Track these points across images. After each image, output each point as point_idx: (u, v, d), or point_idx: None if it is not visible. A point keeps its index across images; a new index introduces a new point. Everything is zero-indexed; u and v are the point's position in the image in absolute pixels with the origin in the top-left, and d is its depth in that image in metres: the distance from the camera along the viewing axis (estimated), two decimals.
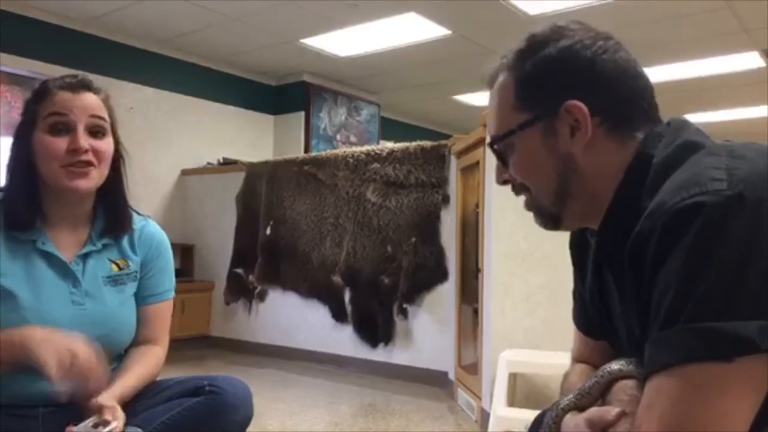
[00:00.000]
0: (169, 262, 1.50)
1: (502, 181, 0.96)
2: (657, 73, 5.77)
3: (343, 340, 4.32)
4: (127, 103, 4.93)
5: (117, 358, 1.41)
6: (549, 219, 0.93)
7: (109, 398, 1.21)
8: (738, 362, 0.64)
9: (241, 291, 4.90)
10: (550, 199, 0.90)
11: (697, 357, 0.66)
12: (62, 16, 4.80)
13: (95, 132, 1.30)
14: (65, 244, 1.33)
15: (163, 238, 1.49)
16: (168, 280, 1.49)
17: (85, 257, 1.34)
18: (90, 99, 1.31)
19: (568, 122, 0.85)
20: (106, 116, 1.33)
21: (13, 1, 4.51)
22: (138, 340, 1.42)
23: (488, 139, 0.96)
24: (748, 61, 5.69)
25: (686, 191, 0.70)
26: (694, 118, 0.88)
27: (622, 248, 0.79)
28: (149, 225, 1.48)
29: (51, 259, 1.30)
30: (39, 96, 1.29)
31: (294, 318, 4.61)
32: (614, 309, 0.92)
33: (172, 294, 1.50)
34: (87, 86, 1.32)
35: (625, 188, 0.84)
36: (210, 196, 5.27)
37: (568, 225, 0.95)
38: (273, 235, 4.69)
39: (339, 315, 4.35)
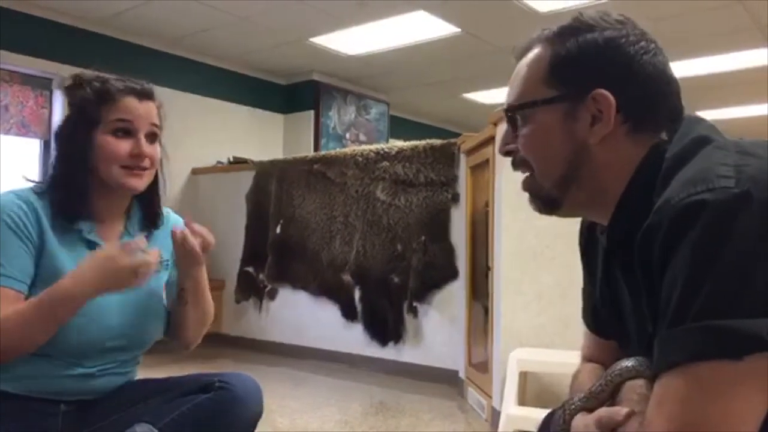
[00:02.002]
0: None
1: (506, 151, 0.93)
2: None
3: (353, 339, 4.33)
4: None
5: (136, 358, 1.44)
6: (546, 202, 0.91)
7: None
8: (747, 360, 0.64)
9: (251, 289, 4.92)
10: (552, 182, 0.88)
11: (706, 355, 0.66)
12: (74, 17, 4.83)
13: (151, 138, 1.38)
14: (106, 234, 1.39)
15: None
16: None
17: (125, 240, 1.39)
18: (151, 108, 1.39)
19: (592, 111, 0.84)
20: (160, 124, 1.41)
21: (24, 1, 4.54)
22: None
23: (504, 105, 0.93)
24: (760, 57, 5.64)
25: (693, 187, 0.70)
26: (706, 115, 0.88)
27: (632, 244, 0.79)
28: (171, 214, 1.56)
29: (95, 248, 1.34)
30: (102, 99, 1.33)
31: (304, 316, 4.62)
32: (624, 307, 0.91)
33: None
34: (150, 96, 1.39)
35: (637, 183, 0.83)
36: (220, 195, 5.29)
37: (567, 212, 0.92)
38: (283, 234, 4.70)
39: (349, 313, 4.35)
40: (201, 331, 1.51)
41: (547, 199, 0.91)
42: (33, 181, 1.39)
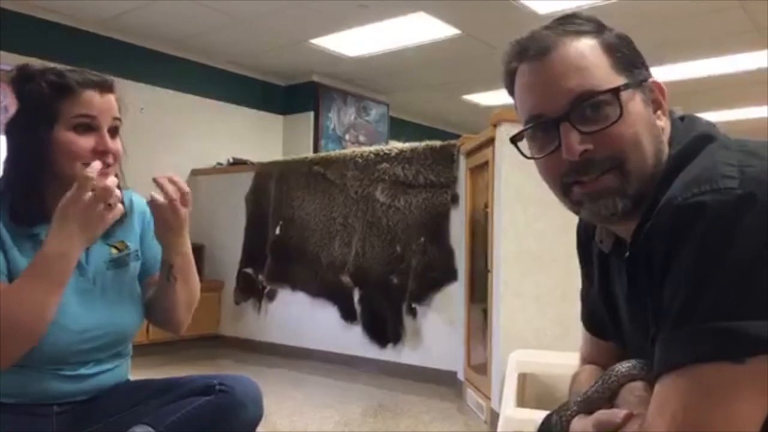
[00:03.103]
0: None
1: (582, 151, 0.80)
2: (668, 72, 5.74)
3: (353, 340, 4.32)
4: (138, 103, 4.95)
5: (121, 353, 1.42)
6: (636, 201, 0.80)
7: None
8: (749, 363, 0.64)
9: (250, 291, 4.92)
10: (644, 176, 0.80)
11: (708, 357, 0.66)
12: (75, 18, 4.83)
13: (113, 132, 1.31)
14: None
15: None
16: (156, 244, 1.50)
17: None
18: (112, 101, 1.31)
19: (652, 99, 0.83)
20: (120, 117, 1.34)
21: (24, 2, 4.54)
22: None
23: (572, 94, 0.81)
24: (759, 60, 5.64)
25: (697, 187, 0.70)
26: (706, 116, 0.87)
27: (636, 243, 0.78)
28: (135, 197, 1.48)
29: None
30: (61, 92, 1.26)
31: (303, 318, 4.61)
32: (622, 310, 0.91)
33: None
34: (111, 88, 1.32)
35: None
36: (220, 196, 5.29)
37: (634, 216, 0.82)
38: (282, 235, 4.69)
39: (348, 315, 4.35)
40: (190, 311, 1.46)
41: (636, 197, 0.80)
42: None
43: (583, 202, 0.83)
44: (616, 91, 0.79)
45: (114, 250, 1.39)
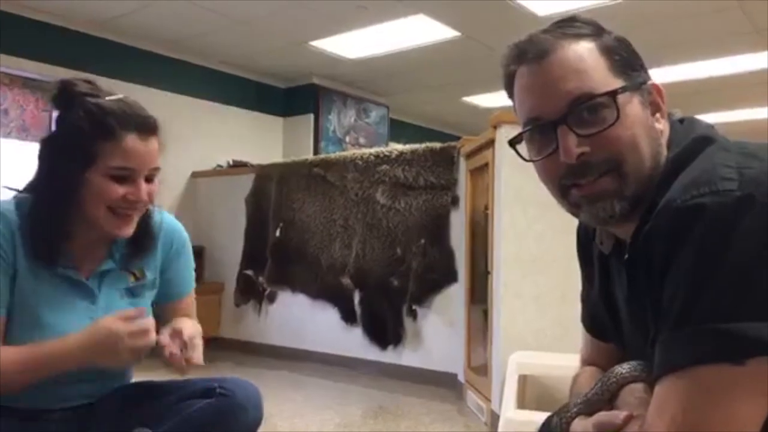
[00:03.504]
0: (189, 258, 1.48)
1: (579, 154, 0.80)
2: (667, 74, 5.74)
3: (353, 342, 4.32)
4: None
5: (124, 374, 1.42)
6: (633, 203, 0.81)
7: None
8: (749, 364, 0.64)
9: (250, 293, 4.92)
10: (641, 178, 0.80)
11: (708, 359, 0.66)
12: (74, 20, 4.83)
13: (150, 178, 1.27)
14: (84, 261, 1.30)
15: (182, 233, 1.47)
16: (189, 276, 1.48)
17: (102, 274, 1.32)
18: (154, 147, 1.26)
19: (650, 101, 0.84)
20: (160, 161, 1.28)
21: (24, 3, 4.55)
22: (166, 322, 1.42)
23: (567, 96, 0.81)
24: (759, 61, 5.65)
25: (696, 189, 0.70)
26: (705, 118, 0.87)
27: (635, 245, 0.78)
28: (166, 220, 1.44)
29: (70, 279, 1.28)
30: (103, 135, 1.19)
31: (303, 319, 4.61)
32: (622, 312, 0.91)
33: (192, 287, 1.50)
34: (155, 131, 1.27)
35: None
36: (220, 199, 5.29)
37: (632, 218, 0.82)
38: (282, 237, 4.70)
39: (348, 317, 4.35)
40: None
41: (634, 199, 0.81)
42: (16, 191, 1.29)
43: (581, 204, 0.84)
44: (613, 94, 0.80)
45: (132, 278, 1.36)
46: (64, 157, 1.21)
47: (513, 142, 0.89)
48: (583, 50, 0.82)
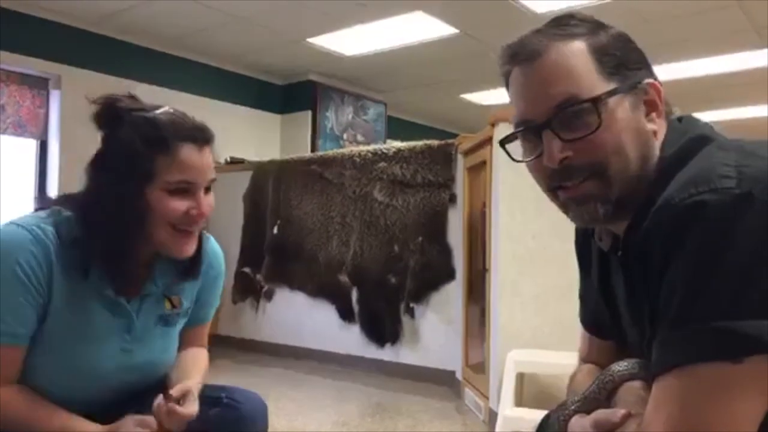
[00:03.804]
0: (220, 287, 1.44)
1: (561, 159, 0.81)
2: (666, 71, 5.75)
3: (351, 340, 4.32)
4: None
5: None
6: (618, 207, 0.82)
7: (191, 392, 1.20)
8: (747, 362, 0.64)
9: (248, 290, 4.91)
10: (627, 181, 0.81)
11: (706, 357, 0.65)
12: (71, 16, 4.82)
13: (208, 189, 1.22)
14: (129, 282, 1.24)
15: (221, 262, 1.42)
16: (216, 303, 1.45)
17: (143, 298, 1.26)
18: (210, 157, 1.21)
19: (645, 101, 0.83)
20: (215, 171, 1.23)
21: (21, 1, 4.53)
22: (181, 347, 1.38)
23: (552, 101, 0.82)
24: (758, 59, 5.66)
25: (694, 187, 0.70)
26: (704, 116, 0.87)
27: (632, 244, 0.78)
28: (210, 246, 1.38)
29: (111, 301, 1.21)
30: (158, 148, 1.14)
31: (301, 317, 4.61)
32: (621, 309, 0.91)
33: (214, 311, 1.47)
34: (210, 141, 1.21)
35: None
36: (217, 196, 5.14)
37: (624, 216, 0.83)
38: (280, 235, 4.69)
39: (346, 314, 4.35)
40: None
41: (619, 203, 0.82)
42: (48, 205, 1.20)
43: (568, 205, 0.85)
44: (596, 100, 0.79)
45: (168, 305, 1.30)
46: (120, 177, 1.14)
47: (503, 142, 0.90)
48: (573, 52, 0.82)
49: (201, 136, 1.19)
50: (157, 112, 1.20)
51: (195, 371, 1.31)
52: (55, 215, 1.17)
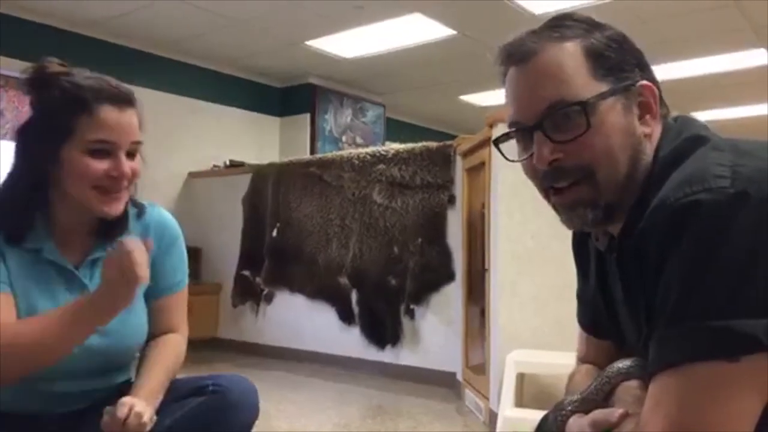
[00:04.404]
0: (182, 252, 1.43)
1: (550, 161, 0.82)
2: (663, 71, 5.74)
3: (351, 342, 4.32)
4: None
5: (126, 367, 1.39)
6: (608, 211, 0.82)
7: (139, 404, 1.15)
8: (744, 361, 0.64)
9: (248, 293, 4.91)
10: (616, 186, 0.81)
11: (703, 356, 0.66)
12: (69, 21, 4.82)
13: (132, 153, 1.23)
14: (73, 249, 1.26)
15: (174, 226, 1.42)
16: (181, 271, 1.42)
17: (93, 262, 1.28)
18: (133, 119, 1.22)
19: (638, 103, 0.83)
20: (141, 135, 1.24)
21: (19, 4, 4.54)
22: (155, 333, 1.36)
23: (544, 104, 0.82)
24: (755, 58, 5.66)
25: (689, 187, 0.70)
26: (701, 115, 0.88)
27: (628, 244, 0.78)
28: (156, 213, 1.40)
29: (58, 268, 1.24)
30: (76, 108, 1.16)
31: (301, 320, 4.61)
32: (619, 309, 0.91)
33: (186, 282, 1.44)
34: (131, 102, 1.22)
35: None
36: (217, 199, 5.28)
37: (618, 218, 0.84)
38: (279, 237, 4.69)
39: (346, 316, 4.35)
40: None
41: (608, 208, 0.82)
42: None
43: (560, 209, 0.87)
44: (585, 103, 0.80)
45: None
46: (39, 137, 1.18)
47: (497, 142, 0.91)
48: (566, 53, 0.82)
49: (121, 98, 1.21)
50: (81, 76, 1.22)
51: (156, 370, 1.28)
52: None
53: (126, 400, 1.15)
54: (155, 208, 1.40)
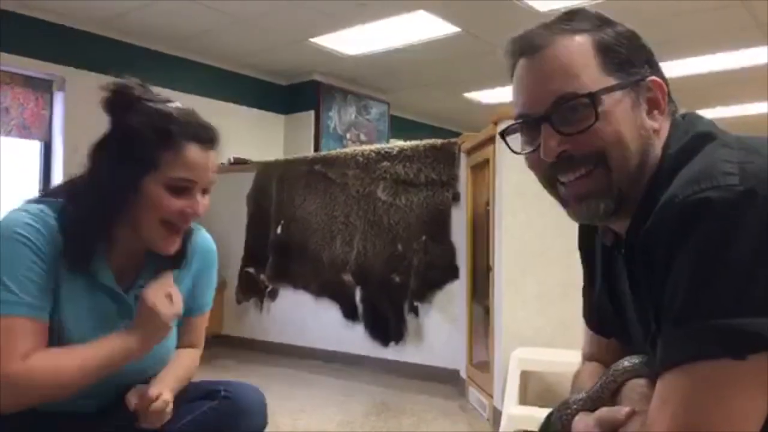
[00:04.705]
0: (214, 276, 1.44)
1: (558, 153, 0.82)
2: (669, 69, 5.71)
3: (355, 339, 4.33)
4: None
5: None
6: (619, 201, 0.81)
7: (167, 393, 1.19)
8: (751, 360, 0.64)
9: (252, 290, 4.92)
10: (627, 176, 0.81)
11: (710, 354, 0.65)
12: (75, 18, 4.83)
13: (205, 191, 1.22)
14: (123, 273, 1.24)
15: (214, 252, 1.43)
16: (210, 295, 1.44)
17: (139, 287, 1.25)
18: (214, 159, 1.21)
19: (647, 99, 0.83)
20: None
21: (25, 2, 4.54)
22: (177, 342, 1.38)
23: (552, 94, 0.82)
24: (761, 55, 5.64)
25: (697, 185, 0.70)
26: (707, 113, 0.87)
27: (635, 241, 0.78)
28: (201, 237, 1.39)
29: (110, 292, 1.22)
30: (165, 143, 1.14)
31: (305, 317, 4.62)
32: (626, 307, 0.91)
33: (210, 305, 1.45)
34: (216, 143, 1.21)
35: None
36: (221, 196, 5.25)
37: (624, 214, 0.83)
38: (284, 234, 4.70)
39: (350, 314, 4.35)
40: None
41: (620, 197, 0.82)
42: (47, 198, 1.18)
43: (568, 201, 0.85)
44: (593, 96, 0.79)
45: None
46: (121, 162, 1.14)
47: (504, 133, 0.90)
48: (576, 47, 0.82)
49: (208, 137, 1.20)
50: (169, 105, 1.20)
51: (170, 375, 1.29)
52: (51, 204, 1.16)
53: (156, 385, 1.17)
54: (201, 232, 1.40)
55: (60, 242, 1.12)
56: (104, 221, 1.16)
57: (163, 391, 1.17)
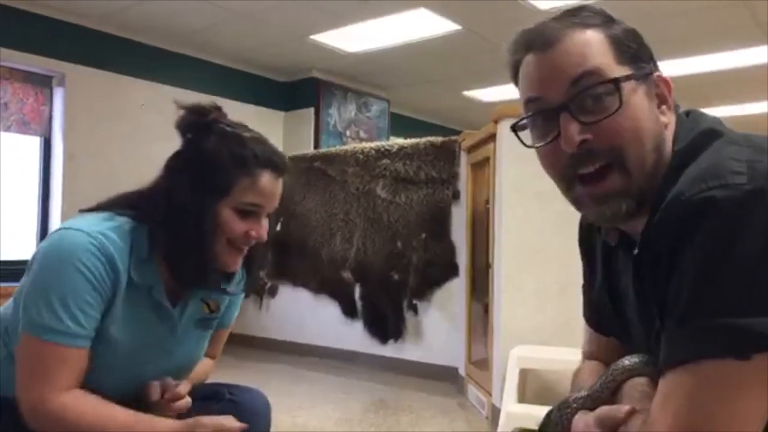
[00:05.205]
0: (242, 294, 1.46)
1: (580, 142, 0.78)
2: (669, 68, 5.73)
3: (354, 336, 4.33)
4: (138, 99, 4.95)
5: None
6: (640, 200, 0.79)
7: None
8: (755, 359, 0.64)
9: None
10: (645, 173, 0.79)
11: (713, 354, 0.65)
12: (74, 14, 4.82)
13: (268, 215, 1.26)
14: (175, 293, 1.25)
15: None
16: (237, 310, 1.47)
17: (186, 301, 1.28)
18: (280, 186, 1.25)
19: (656, 93, 0.83)
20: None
21: None
22: None
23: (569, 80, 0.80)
24: (761, 55, 5.63)
25: (705, 183, 0.69)
26: (707, 112, 0.87)
27: (645, 241, 0.78)
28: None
29: (159, 307, 1.23)
30: (241, 168, 1.17)
31: (304, 314, 4.62)
32: (626, 306, 0.90)
33: (233, 320, 1.49)
34: (286, 171, 1.25)
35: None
36: None
37: (641, 212, 0.80)
38: (283, 231, 4.70)
39: (349, 311, 4.35)
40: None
41: (639, 196, 0.79)
42: (103, 210, 1.19)
43: (588, 203, 0.83)
44: (616, 81, 0.78)
45: (206, 309, 1.32)
46: (200, 185, 1.17)
47: (515, 128, 0.86)
48: (590, 39, 0.80)
49: (280, 167, 1.23)
50: (245, 134, 1.23)
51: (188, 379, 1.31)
52: (116, 224, 1.17)
53: (184, 384, 1.22)
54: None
55: (124, 263, 1.13)
56: (202, 243, 1.17)
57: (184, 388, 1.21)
